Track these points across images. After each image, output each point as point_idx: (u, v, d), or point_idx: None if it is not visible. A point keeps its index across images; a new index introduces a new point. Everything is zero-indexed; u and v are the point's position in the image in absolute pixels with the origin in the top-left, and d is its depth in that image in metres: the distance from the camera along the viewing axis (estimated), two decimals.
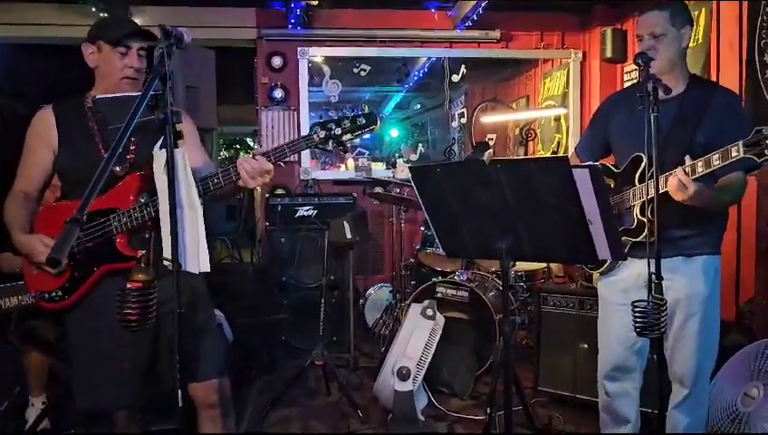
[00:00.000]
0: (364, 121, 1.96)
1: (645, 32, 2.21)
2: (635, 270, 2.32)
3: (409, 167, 2.06)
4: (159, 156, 1.70)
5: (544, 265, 4.45)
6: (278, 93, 5.33)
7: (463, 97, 6.67)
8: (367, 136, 2.08)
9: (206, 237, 1.77)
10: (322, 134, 1.94)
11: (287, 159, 2.02)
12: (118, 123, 1.51)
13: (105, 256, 1.98)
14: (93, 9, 4.62)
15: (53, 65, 5.17)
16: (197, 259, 1.68)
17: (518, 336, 4.31)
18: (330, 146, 1.96)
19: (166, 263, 1.67)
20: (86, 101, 2.09)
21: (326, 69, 5.61)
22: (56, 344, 3.09)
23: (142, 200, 1.97)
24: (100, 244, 1.97)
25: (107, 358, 2.00)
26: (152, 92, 1.58)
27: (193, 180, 1.69)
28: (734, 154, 1.91)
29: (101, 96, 2.04)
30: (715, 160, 1.96)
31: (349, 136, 1.96)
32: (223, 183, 1.92)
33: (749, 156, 1.86)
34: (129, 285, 1.63)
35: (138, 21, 4.50)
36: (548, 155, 5.50)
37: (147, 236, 1.93)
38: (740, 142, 1.88)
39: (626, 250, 2.24)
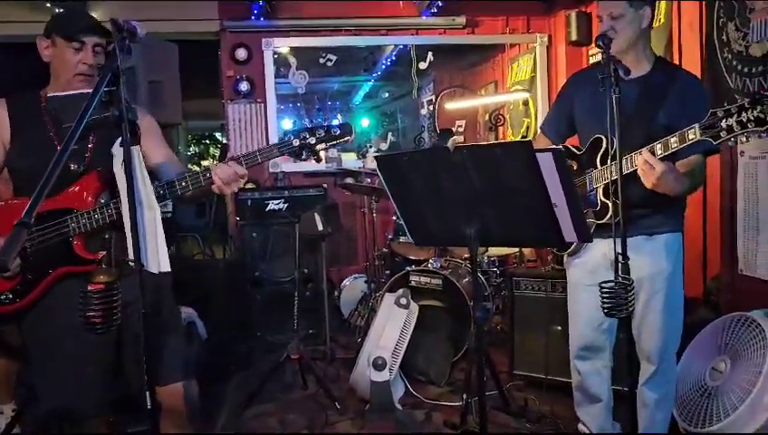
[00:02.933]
0: (338, 132, 2.00)
1: (603, 12, 2.24)
2: (600, 250, 2.35)
3: (375, 156, 2.04)
4: (118, 154, 1.66)
5: (516, 249, 4.48)
6: (244, 86, 5.25)
7: (431, 84, 6.67)
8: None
9: (173, 234, 1.75)
10: (296, 143, 1.96)
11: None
12: (71, 122, 1.47)
13: (60, 259, 1.93)
14: (48, 5, 4.50)
15: (11, 62, 5.01)
16: (157, 259, 1.65)
17: (493, 321, 4.34)
18: (303, 155, 1.98)
19: (131, 263, 1.64)
20: (41, 97, 2.04)
21: (292, 60, 5.55)
22: (22, 349, 3.01)
23: (102, 201, 1.92)
24: (56, 245, 1.91)
25: (68, 361, 1.96)
26: (106, 89, 1.54)
27: (149, 179, 1.66)
28: (690, 137, 1.94)
29: (53, 94, 1.98)
30: (673, 143, 1.99)
31: (322, 146, 1.99)
32: (191, 187, 1.91)
33: (705, 138, 1.89)
34: (90, 287, 1.59)
35: (96, 15, 4.41)
36: (517, 139, 5.52)
37: (107, 236, 1.89)
38: (696, 125, 1.91)
39: (591, 231, 2.27)
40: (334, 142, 2.00)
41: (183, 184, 1.91)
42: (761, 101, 1.74)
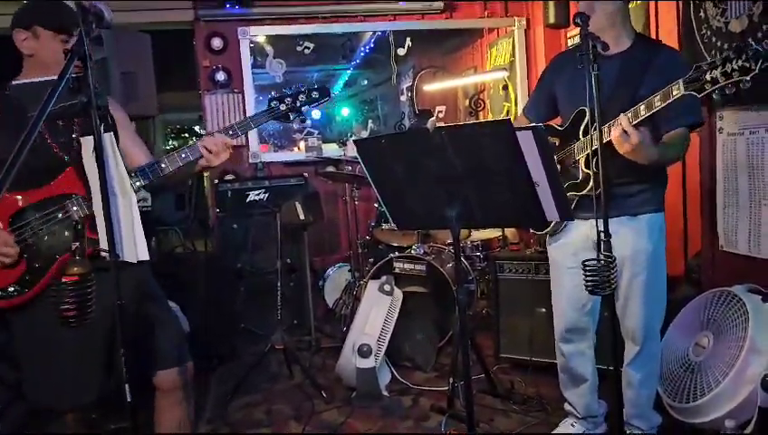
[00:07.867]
0: (318, 94, 2.12)
1: None
2: (583, 232, 2.35)
3: (354, 140, 2.02)
4: (87, 142, 1.61)
5: (499, 232, 4.48)
6: (221, 76, 5.16)
7: (411, 71, 6.62)
8: (317, 114, 2.22)
9: (151, 226, 1.72)
10: (282, 107, 2.06)
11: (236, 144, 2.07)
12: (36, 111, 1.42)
13: (67, 244, 1.88)
14: None
15: None
16: (135, 248, 1.61)
17: (478, 305, 4.34)
18: (291, 117, 2.08)
19: (103, 254, 1.60)
20: (5, 89, 1.97)
21: (269, 49, 5.47)
22: (3, 348, 2.95)
23: None
24: (62, 231, 1.88)
25: (61, 354, 1.92)
26: (74, 75, 1.49)
27: (123, 166, 1.61)
28: (674, 93, 1.92)
29: (17, 82, 1.92)
30: (657, 102, 1.97)
31: (306, 107, 2.12)
32: (180, 162, 1.94)
33: (690, 92, 1.87)
34: (64, 279, 1.54)
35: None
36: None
37: (79, 227, 1.84)
38: (680, 81, 1.90)
39: (573, 206, 2.26)
40: (316, 103, 2.13)
41: (168, 161, 1.94)
42: (745, 50, 1.73)
